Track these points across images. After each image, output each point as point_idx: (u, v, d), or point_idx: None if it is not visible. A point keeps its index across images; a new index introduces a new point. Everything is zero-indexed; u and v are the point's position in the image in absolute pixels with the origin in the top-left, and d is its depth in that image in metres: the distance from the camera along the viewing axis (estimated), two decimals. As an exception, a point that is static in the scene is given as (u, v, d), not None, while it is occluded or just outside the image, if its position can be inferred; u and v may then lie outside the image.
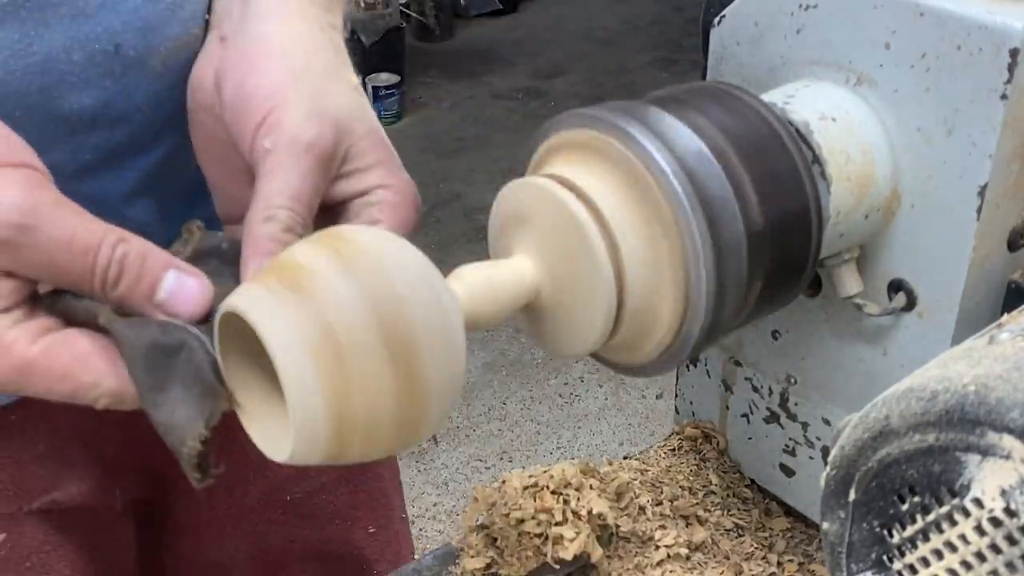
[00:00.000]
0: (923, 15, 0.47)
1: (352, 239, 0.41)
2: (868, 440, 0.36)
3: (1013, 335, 0.35)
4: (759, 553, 0.62)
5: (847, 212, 0.50)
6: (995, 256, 0.50)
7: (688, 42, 4.11)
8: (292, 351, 0.38)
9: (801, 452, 0.61)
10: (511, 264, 0.47)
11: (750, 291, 0.46)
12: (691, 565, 0.61)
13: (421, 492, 2.15)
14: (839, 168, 0.49)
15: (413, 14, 4.11)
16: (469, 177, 3.28)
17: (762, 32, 0.54)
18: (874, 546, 0.36)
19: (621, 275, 0.44)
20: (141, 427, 0.73)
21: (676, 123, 0.45)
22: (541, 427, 2.33)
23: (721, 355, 0.64)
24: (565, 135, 0.47)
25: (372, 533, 0.82)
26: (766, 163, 0.46)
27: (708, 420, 0.67)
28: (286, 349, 0.38)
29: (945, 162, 0.48)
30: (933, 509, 0.34)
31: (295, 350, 0.38)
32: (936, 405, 0.33)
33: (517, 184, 0.47)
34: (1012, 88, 0.45)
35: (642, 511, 0.63)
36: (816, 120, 0.50)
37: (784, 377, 0.61)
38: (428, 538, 2.04)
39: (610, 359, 0.50)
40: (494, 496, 0.59)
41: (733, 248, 0.44)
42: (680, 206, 0.43)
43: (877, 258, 0.53)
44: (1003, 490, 0.31)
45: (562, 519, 0.58)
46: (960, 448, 0.33)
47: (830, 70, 0.52)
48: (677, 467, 0.67)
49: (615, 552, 0.61)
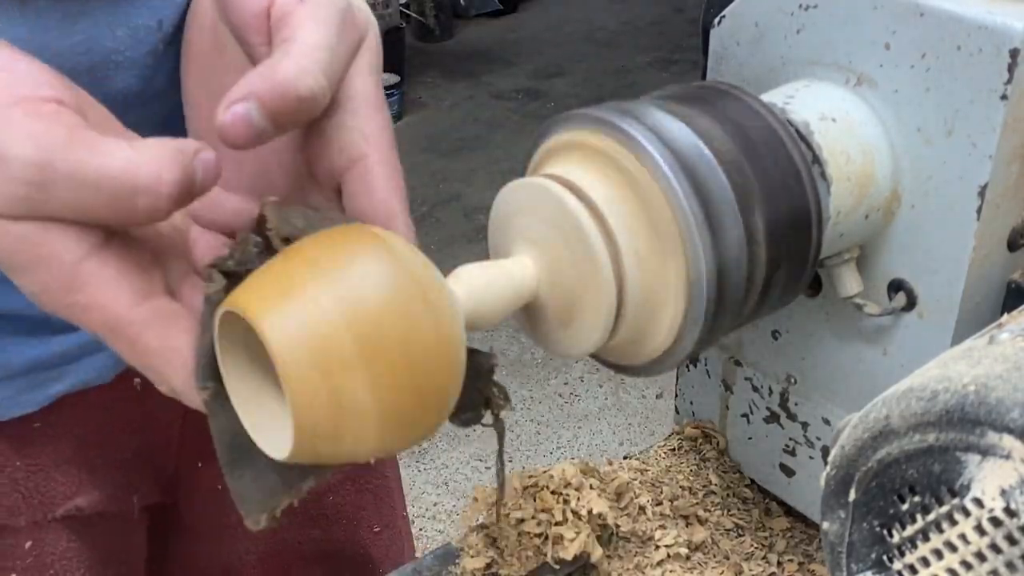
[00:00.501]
0: (923, 15, 0.47)
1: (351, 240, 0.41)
2: (868, 440, 0.36)
3: (1013, 335, 0.35)
4: (759, 553, 0.62)
5: (847, 212, 0.50)
6: (995, 256, 0.50)
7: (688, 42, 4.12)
8: (292, 351, 0.38)
9: (801, 452, 0.61)
10: (511, 264, 0.47)
11: (750, 291, 0.46)
12: (691, 565, 0.61)
13: (421, 492, 2.15)
14: (839, 168, 0.49)
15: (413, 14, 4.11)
16: (469, 177, 3.28)
17: (762, 32, 0.54)
18: (874, 546, 0.36)
19: (621, 275, 0.44)
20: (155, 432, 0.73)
21: (676, 123, 0.45)
22: (541, 427, 2.33)
23: (721, 355, 0.64)
24: (565, 135, 0.47)
25: (377, 532, 0.82)
26: (766, 163, 0.46)
27: (708, 420, 0.67)
28: (286, 349, 0.38)
29: (945, 162, 0.48)
30: (933, 509, 0.34)
31: (295, 350, 0.38)
32: (936, 405, 0.33)
33: (517, 184, 0.47)
34: (1012, 88, 0.45)
35: (642, 511, 0.63)
36: (816, 120, 0.50)
37: (784, 377, 0.61)
38: (428, 538, 2.04)
39: (610, 359, 0.50)
40: (494, 496, 0.59)
41: (733, 248, 0.44)
42: (680, 206, 0.43)
43: (877, 258, 0.53)
44: (1003, 490, 0.31)
45: (562, 519, 0.58)
46: (960, 448, 0.33)
47: (830, 70, 0.52)
48: (677, 467, 0.67)
49: (615, 552, 0.61)
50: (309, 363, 0.38)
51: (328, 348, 0.38)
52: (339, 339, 0.38)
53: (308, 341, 0.38)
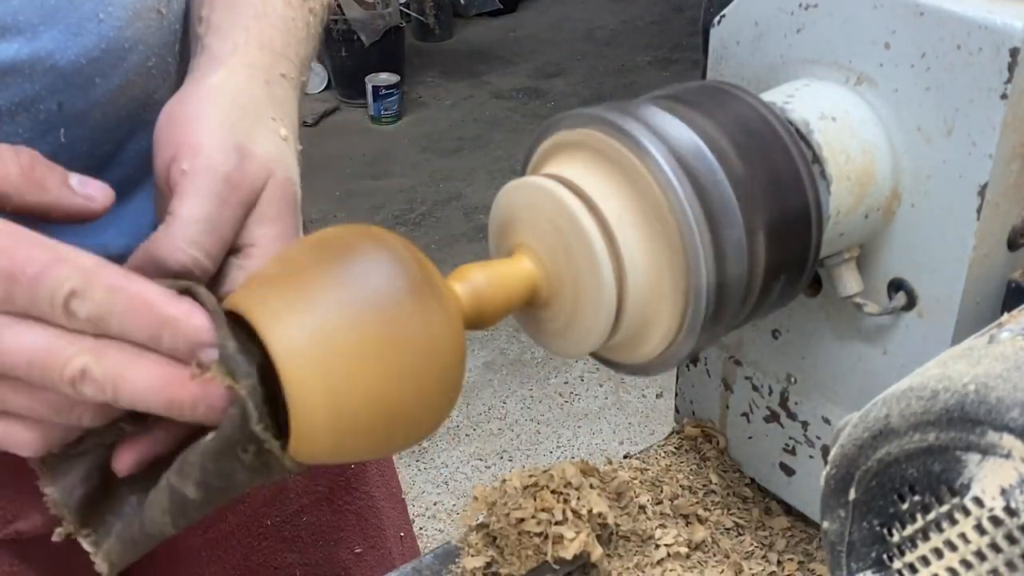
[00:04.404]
0: (923, 15, 0.47)
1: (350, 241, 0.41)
2: (868, 439, 0.36)
3: (1013, 334, 0.35)
4: (759, 552, 0.63)
5: (847, 212, 0.50)
6: (995, 255, 0.50)
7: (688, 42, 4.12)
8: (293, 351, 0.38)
9: (801, 451, 0.61)
10: (511, 263, 0.47)
11: (750, 291, 0.46)
12: (691, 564, 0.61)
13: (421, 491, 2.15)
14: (839, 167, 0.49)
15: (413, 14, 4.11)
16: (469, 177, 3.28)
17: (762, 32, 0.54)
18: (874, 545, 0.36)
19: (621, 275, 0.44)
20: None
21: (676, 122, 0.45)
22: (541, 426, 2.33)
23: (721, 354, 0.64)
24: (565, 135, 0.47)
25: (359, 553, 0.80)
26: (766, 162, 0.46)
27: (708, 419, 0.67)
28: (287, 349, 0.38)
29: (945, 162, 0.48)
30: (933, 508, 0.34)
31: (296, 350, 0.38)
32: (936, 404, 0.33)
33: (517, 184, 0.47)
34: (1012, 88, 0.45)
35: (642, 510, 0.63)
36: (816, 119, 0.50)
37: (784, 376, 0.61)
38: (428, 537, 2.04)
39: (610, 359, 0.50)
40: (494, 495, 0.59)
41: (733, 248, 0.44)
42: (680, 206, 0.43)
43: (877, 258, 0.53)
44: (1003, 489, 0.32)
45: (562, 518, 0.58)
46: (960, 447, 0.33)
47: (830, 70, 0.52)
48: (677, 466, 0.67)
49: (615, 551, 0.61)
50: (310, 363, 0.38)
51: (328, 348, 0.38)
52: (339, 339, 0.38)
53: (309, 341, 0.38)
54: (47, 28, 0.50)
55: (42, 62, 0.50)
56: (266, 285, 0.40)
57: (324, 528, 0.78)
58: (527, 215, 0.46)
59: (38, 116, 0.52)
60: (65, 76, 0.52)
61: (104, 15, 0.52)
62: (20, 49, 0.49)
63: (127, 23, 0.53)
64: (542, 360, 2.50)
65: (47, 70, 0.51)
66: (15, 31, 0.49)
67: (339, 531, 0.79)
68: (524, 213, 0.46)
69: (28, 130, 0.51)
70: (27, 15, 0.49)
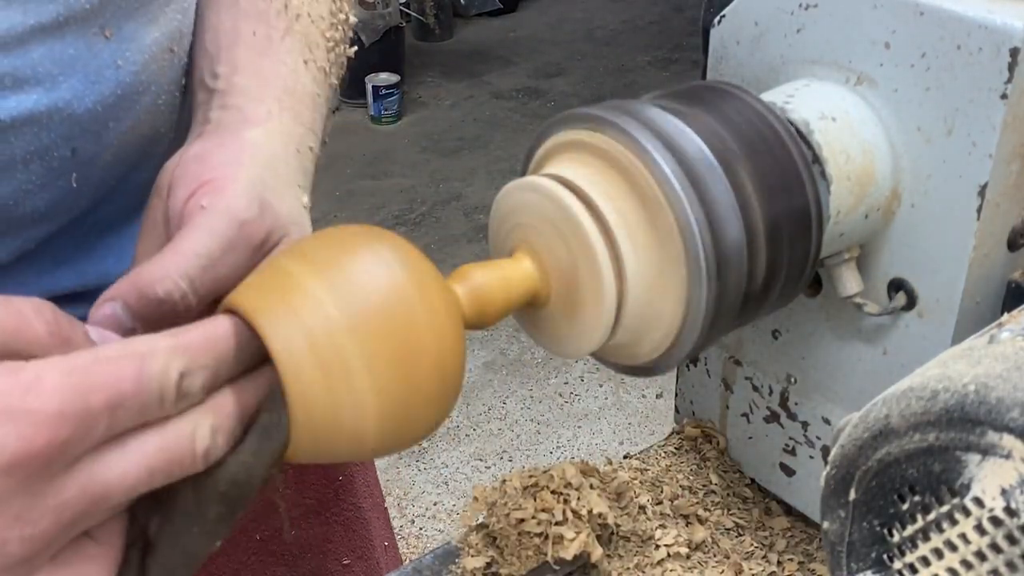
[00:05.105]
0: (923, 15, 0.47)
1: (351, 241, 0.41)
2: (868, 439, 0.36)
3: (1013, 335, 0.35)
4: (759, 552, 0.63)
5: (847, 212, 0.50)
6: (995, 256, 0.50)
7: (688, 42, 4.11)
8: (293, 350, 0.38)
9: (801, 451, 0.61)
10: (511, 264, 0.47)
11: (750, 291, 0.46)
12: (691, 564, 0.61)
13: (421, 491, 2.15)
14: (839, 168, 0.49)
15: (413, 14, 4.11)
16: (469, 177, 3.28)
17: (762, 32, 0.54)
18: (874, 545, 0.36)
19: (621, 275, 0.44)
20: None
21: (676, 123, 0.45)
22: (541, 427, 2.33)
23: (721, 354, 0.64)
24: (565, 135, 0.47)
25: (347, 565, 0.80)
26: (766, 162, 0.46)
27: (708, 419, 0.67)
28: (287, 348, 0.38)
29: (945, 162, 0.48)
30: (933, 508, 0.34)
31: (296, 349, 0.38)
32: (936, 404, 0.33)
33: (517, 184, 0.47)
34: (1012, 88, 0.45)
35: (642, 510, 0.63)
36: (816, 120, 0.50)
37: (784, 376, 0.61)
38: (428, 537, 2.04)
39: (610, 359, 0.50)
40: (494, 496, 0.59)
41: (733, 248, 0.44)
42: (680, 206, 0.43)
43: (877, 258, 0.53)
44: (1003, 489, 0.32)
45: (562, 519, 0.58)
46: (960, 447, 0.33)
47: (830, 70, 0.52)
48: (677, 466, 0.67)
49: (615, 552, 0.61)
50: (309, 362, 0.38)
51: (328, 347, 0.38)
52: (339, 338, 0.38)
53: (308, 340, 0.38)
54: (66, 78, 0.49)
55: (60, 112, 0.50)
56: (266, 285, 0.40)
57: (313, 540, 0.78)
58: (527, 215, 0.46)
59: (51, 164, 0.51)
60: (81, 123, 0.51)
61: (122, 61, 0.52)
62: (39, 100, 0.48)
63: (143, 67, 0.53)
64: (542, 360, 2.50)
65: (64, 119, 0.50)
66: (34, 82, 0.48)
67: (328, 543, 0.79)
68: (524, 213, 0.46)
69: (40, 177, 0.51)
70: (47, 67, 0.48)
